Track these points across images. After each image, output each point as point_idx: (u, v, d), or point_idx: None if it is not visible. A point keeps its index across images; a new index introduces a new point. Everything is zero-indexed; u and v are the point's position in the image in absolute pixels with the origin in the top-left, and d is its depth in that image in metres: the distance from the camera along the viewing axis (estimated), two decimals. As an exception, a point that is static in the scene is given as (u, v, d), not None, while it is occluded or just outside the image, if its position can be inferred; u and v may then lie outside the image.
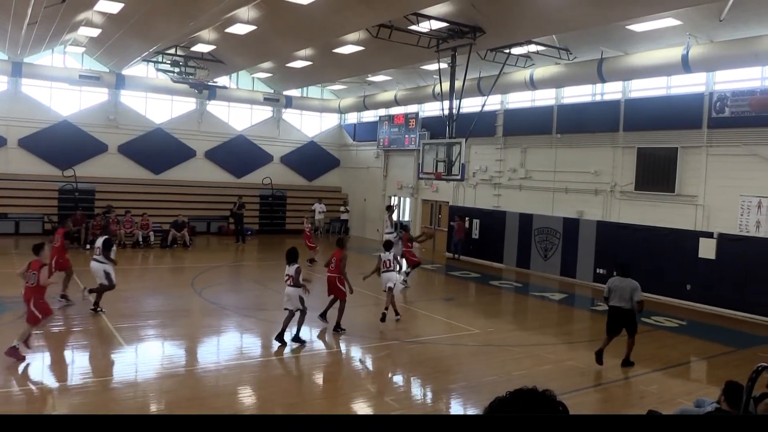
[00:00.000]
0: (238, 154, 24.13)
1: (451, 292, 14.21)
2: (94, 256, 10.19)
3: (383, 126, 23.09)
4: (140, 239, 19.04)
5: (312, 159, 25.84)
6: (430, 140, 18.57)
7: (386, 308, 10.71)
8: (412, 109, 22.61)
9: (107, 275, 10.04)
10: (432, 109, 22.12)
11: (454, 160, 14.56)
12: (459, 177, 14.54)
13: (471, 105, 20.10)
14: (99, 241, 10.30)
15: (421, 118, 21.80)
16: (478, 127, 16.60)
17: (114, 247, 10.28)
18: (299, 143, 25.86)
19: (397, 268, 11.63)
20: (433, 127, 20.37)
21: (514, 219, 17.54)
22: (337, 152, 26.78)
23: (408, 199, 24.56)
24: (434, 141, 15.93)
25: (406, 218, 25.71)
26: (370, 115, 25.70)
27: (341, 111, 25.35)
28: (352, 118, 26.76)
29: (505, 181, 18.76)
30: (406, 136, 21.90)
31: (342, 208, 24.68)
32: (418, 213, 22.49)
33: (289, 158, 25.55)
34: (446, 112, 15.35)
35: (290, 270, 8.93)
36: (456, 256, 18.86)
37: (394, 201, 20.73)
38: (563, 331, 10.94)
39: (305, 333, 9.24)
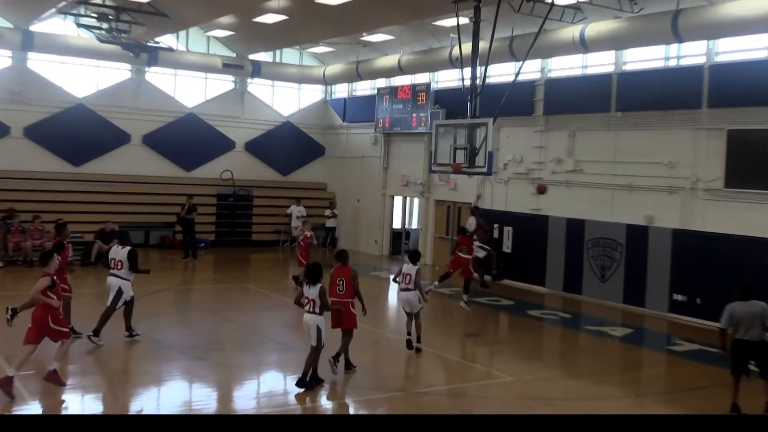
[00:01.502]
0: (187, 139, 24.22)
1: (476, 327, 14.17)
2: (114, 271, 11.12)
3: (383, 102, 23.26)
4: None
5: (288, 146, 26.05)
6: (445, 121, 18.70)
7: (409, 332, 11.39)
8: (421, 79, 22.61)
9: (117, 293, 10.97)
10: (448, 80, 22.16)
11: (478, 147, 14.75)
12: (485, 170, 14.74)
13: (501, 73, 20.09)
14: (120, 254, 11.13)
15: (434, 92, 21.84)
16: (511, 103, 16.41)
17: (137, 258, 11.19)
18: (270, 125, 25.93)
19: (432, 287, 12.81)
20: (450, 103, 20.53)
21: (559, 227, 17.59)
22: (321, 137, 26.84)
23: (417, 200, 24.56)
24: (451, 122, 16.18)
25: (414, 225, 25.83)
26: (365, 88, 25.74)
27: (327, 82, 25.38)
28: (341, 91, 26.80)
29: (547, 175, 18.79)
30: (414, 115, 22.06)
31: (328, 212, 24.37)
32: (430, 218, 22.61)
33: (257, 145, 25.67)
34: (467, 83, 15.51)
35: (312, 292, 9.24)
36: (483, 278, 19.63)
37: (476, 200, 19.41)
38: (629, 378, 10.85)
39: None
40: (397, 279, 11.72)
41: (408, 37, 21.03)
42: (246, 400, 9.05)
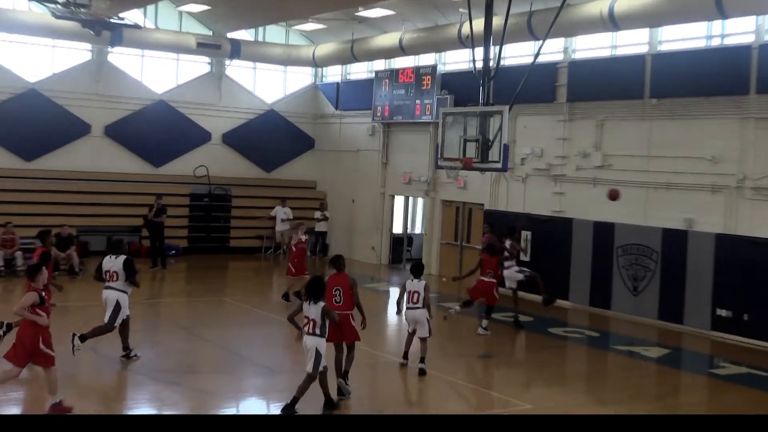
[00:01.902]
0: (156, 130, 24.06)
1: (489, 347, 14.18)
2: (109, 284, 11.32)
3: (382, 87, 23.32)
4: (1, 263, 19.01)
5: (271, 138, 26.05)
6: (454, 108, 18.57)
7: (405, 354, 11.63)
8: (426, 60, 22.65)
9: (115, 308, 11.19)
10: (457, 61, 22.21)
11: (492, 139, 14.81)
12: (500, 165, 14.80)
13: (518, 54, 20.11)
14: (115, 264, 11.35)
15: (441, 75, 21.82)
16: (530, 88, 16.23)
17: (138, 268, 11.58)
18: (252, 114, 25.94)
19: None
20: (460, 88, 20.54)
21: (585, 231, 17.60)
22: (310, 127, 26.89)
23: (420, 200, 24.52)
24: (461, 109, 16.22)
25: (417, 229, 25.78)
26: (361, 71, 25.79)
27: (317, 64, 25.43)
28: (333, 74, 26.86)
29: (570, 171, 18.85)
30: (418, 102, 22.11)
31: (317, 215, 24.59)
32: (436, 221, 22.66)
33: (237, 137, 25.68)
34: (479, 65, 15.48)
35: (312, 311, 9.33)
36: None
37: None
38: (665, 406, 10.88)
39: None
40: (401, 303, 11.92)
41: (411, 12, 20.97)
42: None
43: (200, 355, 12.59)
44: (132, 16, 21.62)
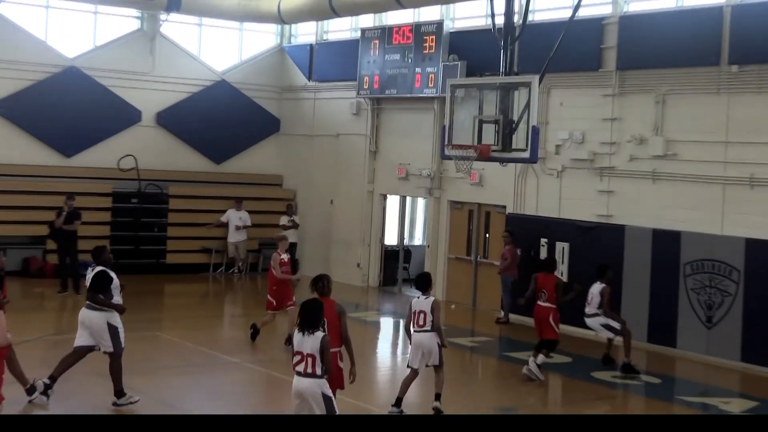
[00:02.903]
0: (66, 107, 23.95)
1: (513, 396, 14.10)
2: (88, 302, 12.08)
3: (370, 50, 23.42)
4: None
5: (223, 119, 26.12)
6: (466, 80, 18.68)
7: (400, 397, 12.00)
8: (429, 15, 22.64)
9: (112, 331, 12.00)
10: (471, 16, 22.21)
11: (516, 120, 14.83)
12: (527, 155, 14.92)
13: (551, 6, 20.08)
14: (91, 274, 12.11)
15: (449, 34, 21.94)
16: (567, 52, 16.38)
17: (118, 283, 12.32)
18: (196, 86, 25.96)
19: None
20: (474, 52, 20.64)
21: (641, 242, 17.66)
22: (274, 104, 26.99)
23: (422, 202, 24.49)
24: (476, 81, 16.41)
25: (417, 240, 25.59)
26: (343, 29, 25.82)
27: (283, 20, 25.51)
28: (306, 34, 26.89)
29: (621, 162, 18.87)
30: (418, 70, 22.14)
31: (285, 220, 24.72)
32: (443, 229, 22.75)
33: (176, 117, 25.68)
34: (500, 21, 15.59)
35: (309, 344, 9.38)
36: (502, 318, 19.93)
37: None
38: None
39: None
40: (410, 328, 12.31)
41: (409, -50, 21.13)
42: None
43: (125, 410, 12.45)
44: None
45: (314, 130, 25.85)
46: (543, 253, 19.07)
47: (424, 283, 12.47)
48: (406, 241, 25.02)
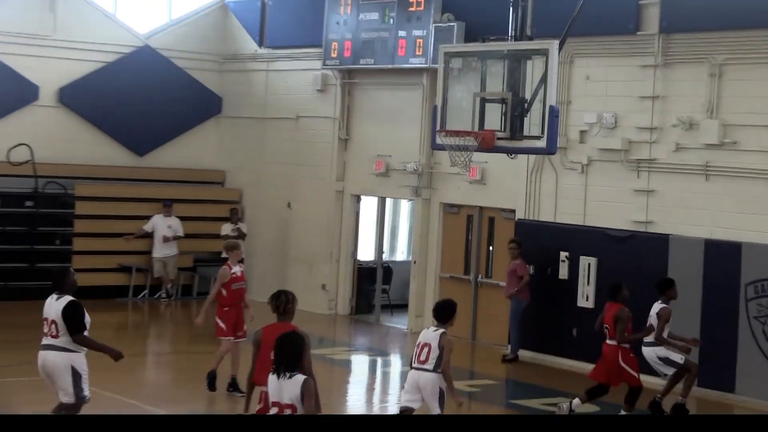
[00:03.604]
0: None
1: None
2: (48, 341, 12.35)
3: (340, 7, 23.49)
4: None
5: (147, 97, 26.11)
6: (464, 46, 18.66)
7: None
8: (414, -35, 22.78)
9: (74, 377, 12.19)
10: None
11: (529, 99, 15.01)
12: (543, 144, 15.09)
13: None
14: (55, 309, 12.31)
15: (443, -10, 22.13)
16: (594, 11, 16.74)
17: (88, 319, 12.60)
18: (112, 53, 25.98)
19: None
20: (474, 11, 20.85)
21: (690, 255, 17.79)
22: (215, 78, 27.12)
23: (406, 204, 24.57)
24: (476, 48, 16.31)
25: (400, 255, 25.29)
26: (302, -18, 25.93)
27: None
28: (255, -13, 27.06)
29: (665, 153, 18.98)
30: (402, 34, 22.19)
31: (229, 229, 24.68)
32: (434, 239, 22.81)
33: (85, 94, 25.61)
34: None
35: (288, 391, 9.49)
36: (509, 355, 20.23)
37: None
38: None
39: None
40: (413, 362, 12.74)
41: None
42: None
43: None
44: None
45: (267, 111, 25.89)
46: (563, 271, 19.24)
47: (443, 311, 12.69)
48: (385, 256, 25.11)
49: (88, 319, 12.48)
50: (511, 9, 15.58)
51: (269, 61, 25.80)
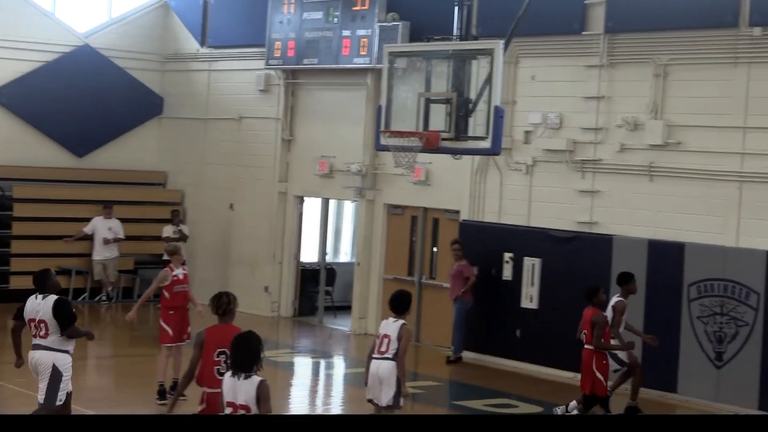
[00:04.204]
0: None
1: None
2: (37, 341, 12.43)
3: (283, 6, 23.55)
4: None
5: (87, 97, 25.93)
6: (409, 46, 18.55)
7: None
8: (359, -37, 22.76)
9: (52, 377, 12.27)
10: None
11: (474, 99, 15.02)
12: (488, 144, 15.08)
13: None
14: (43, 308, 12.41)
15: (388, -10, 22.00)
16: (539, 11, 16.68)
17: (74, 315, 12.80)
18: (50, 53, 25.79)
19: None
20: (418, 10, 20.92)
21: (634, 256, 17.80)
22: (156, 78, 27.03)
23: (350, 206, 24.58)
24: (421, 48, 16.36)
25: (344, 257, 25.17)
26: (245, -20, 25.84)
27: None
28: (198, -14, 26.93)
29: (610, 154, 19.09)
30: (346, 34, 22.29)
31: (170, 231, 24.71)
32: (378, 241, 22.98)
33: (21, 95, 25.43)
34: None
35: (243, 392, 9.46)
36: (453, 356, 20.19)
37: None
38: None
39: None
40: (371, 354, 13.00)
41: None
42: None
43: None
44: None
45: (209, 111, 25.82)
46: (507, 272, 19.25)
47: (399, 303, 12.90)
48: (329, 258, 25.09)
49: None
50: (456, 8, 15.57)
51: (211, 61, 25.76)
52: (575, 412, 15.33)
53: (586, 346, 15.35)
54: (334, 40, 22.22)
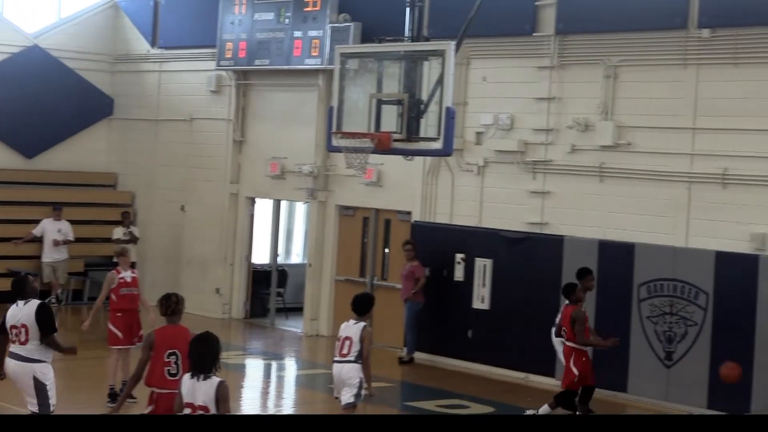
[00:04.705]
0: None
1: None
2: (14, 349, 12.30)
3: (234, 7, 23.53)
4: None
5: (36, 97, 25.76)
6: (361, 47, 18.56)
7: None
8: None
9: (38, 388, 12.18)
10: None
11: (426, 100, 15.05)
12: (439, 145, 15.12)
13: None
14: (24, 315, 12.28)
15: (339, -8, 22.08)
16: (491, 12, 16.70)
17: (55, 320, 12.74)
18: (0, 54, 25.62)
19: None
20: (370, 11, 21.00)
21: (583, 257, 17.74)
22: (106, 78, 26.90)
23: (302, 207, 24.55)
24: (373, 49, 16.40)
25: (296, 258, 25.12)
26: (197, -17, 25.70)
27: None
28: (148, -14, 26.74)
29: (560, 155, 19.15)
30: (298, 35, 22.28)
31: (121, 233, 24.56)
32: (330, 242, 22.95)
33: None
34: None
35: (202, 393, 9.51)
36: (405, 357, 20.25)
37: None
38: None
39: None
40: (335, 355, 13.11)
41: None
42: None
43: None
44: None
45: (160, 113, 25.66)
46: (459, 272, 19.23)
47: (361, 305, 13.26)
48: (280, 260, 25.06)
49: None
50: (407, 10, 15.56)
51: (162, 62, 25.60)
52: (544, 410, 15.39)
53: (566, 343, 15.43)
54: (286, 41, 22.16)
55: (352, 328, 12.99)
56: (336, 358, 13.01)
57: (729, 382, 15.36)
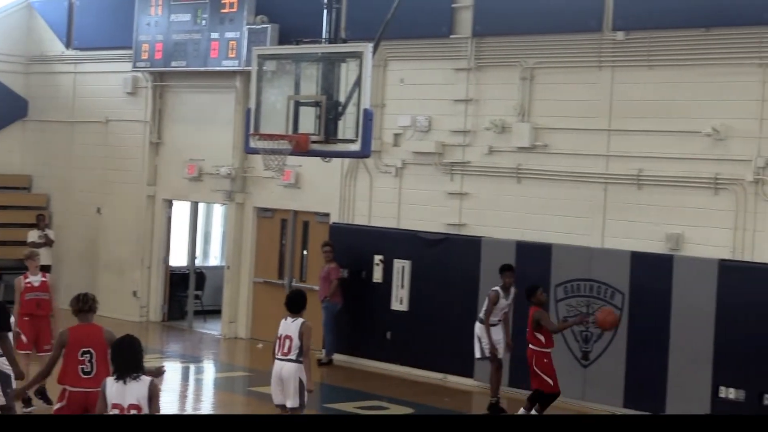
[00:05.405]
0: None
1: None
2: None
3: (150, 8, 23.39)
4: None
5: None
6: (278, 48, 18.59)
7: None
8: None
9: (4, 381, 12.31)
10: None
11: (344, 102, 15.11)
12: (357, 147, 15.20)
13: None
14: None
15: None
16: (408, 14, 16.57)
17: (12, 319, 12.90)
18: None
19: None
20: (288, 13, 21.02)
21: (501, 258, 17.73)
22: (20, 80, 26.66)
23: (220, 209, 24.40)
24: (290, 50, 16.54)
25: (213, 260, 24.84)
26: (113, -19, 25.46)
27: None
28: (62, -14, 26.44)
29: (478, 156, 19.18)
30: (215, 36, 22.20)
31: (35, 236, 24.32)
32: (248, 244, 22.95)
33: None
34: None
35: (134, 393, 9.61)
36: (324, 358, 20.26)
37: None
38: None
39: None
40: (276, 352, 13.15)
41: None
42: None
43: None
44: None
45: (75, 114, 25.46)
46: (377, 274, 19.43)
47: (294, 302, 13.26)
48: (198, 262, 25.04)
49: (12, 319, 12.91)
50: (325, 11, 15.61)
51: (77, 63, 25.35)
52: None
53: (529, 346, 15.57)
54: (203, 42, 22.06)
55: (290, 326, 13.01)
56: (277, 356, 13.01)
57: (604, 328, 15.89)
